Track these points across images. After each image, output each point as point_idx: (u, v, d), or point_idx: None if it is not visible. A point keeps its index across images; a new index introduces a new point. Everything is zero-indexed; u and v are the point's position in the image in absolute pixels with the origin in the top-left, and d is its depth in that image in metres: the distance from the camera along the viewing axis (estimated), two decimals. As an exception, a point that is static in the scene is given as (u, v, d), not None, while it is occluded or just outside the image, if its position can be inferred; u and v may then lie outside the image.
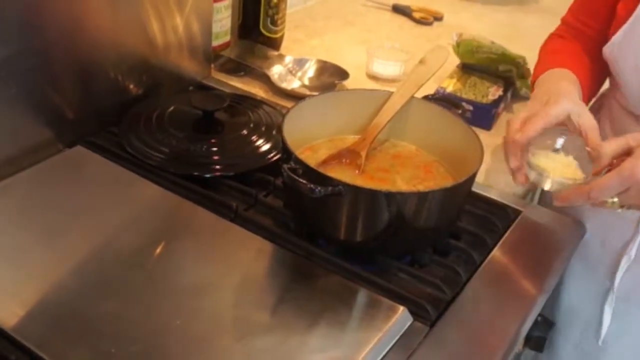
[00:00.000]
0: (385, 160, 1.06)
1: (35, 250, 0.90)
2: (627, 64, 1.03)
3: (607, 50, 1.05)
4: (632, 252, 1.12)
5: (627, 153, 0.85)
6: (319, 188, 0.85)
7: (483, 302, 0.94)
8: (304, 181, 0.86)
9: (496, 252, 1.02)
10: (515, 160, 0.94)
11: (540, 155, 0.93)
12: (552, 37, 1.20)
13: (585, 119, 0.92)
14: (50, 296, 0.85)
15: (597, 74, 1.11)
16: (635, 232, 1.11)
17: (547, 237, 1.09)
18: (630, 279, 1.13)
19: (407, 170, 1.04)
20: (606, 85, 1.18)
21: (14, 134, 1.03)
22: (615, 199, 0.86)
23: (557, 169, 0.91)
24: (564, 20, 1.20)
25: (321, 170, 0.90)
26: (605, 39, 1.05)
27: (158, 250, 0.94)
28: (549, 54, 1.16)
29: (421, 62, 1.11)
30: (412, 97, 1.07)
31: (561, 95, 0.96)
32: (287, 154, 0.91)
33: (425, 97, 1.11)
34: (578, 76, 1.06)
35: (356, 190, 0.88)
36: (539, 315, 1.04)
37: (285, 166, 0.88)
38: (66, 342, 0.79)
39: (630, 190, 0.84)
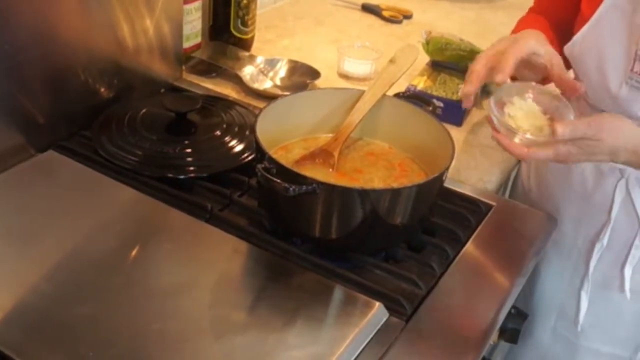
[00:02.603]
0: (358, 159, 1.07)
1: (9, 256, 0.90)
2: (588, 64, 1.04)
3: (568, 49, 1.06)
4: (605, 239, 1.14)
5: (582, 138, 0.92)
6: (293, 187, 0.86)
7: (457, 296, 0.95)
8: (278, 180, 0.87)
9: (469, 247, 1.04)
10: (471, 87, 0.99)
11: (514, 105, 0.97)
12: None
13: (551, 55, 0.98)
14: (26, 302, 0.84)
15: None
16: (607, 220, 1.13)
17: (519, 231, 1.11)
18: (605, 265, 1.16)
19: (381, 167, 1.05)
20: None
21: (-17, 140, 1.02)
22: None
23: (526, 118, 0.96)
24: (531, 9, 1.22)
25: (295, 169, 0.91)
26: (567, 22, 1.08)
27: (134, 253, 0.94)
28: (518, 25, 1.19)
29: (391, 61, 1.12)
30: (384, 95, 1.08)
31: (528, 34, 1.01)
32: (260, 153, 0.92)
33: (397, 95, 1.12)
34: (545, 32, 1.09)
35: (330, 188, 0.89)
36: (513, 307, 1.06)
37: (259, 166, 0.88)
38: (43, 347, 0.78)
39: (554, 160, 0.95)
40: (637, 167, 0.97)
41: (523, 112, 0.97)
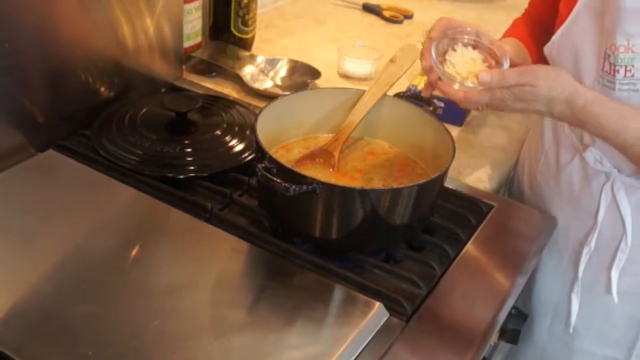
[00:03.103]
0: (359, 158, 1.07)
1: (8, 255, 0.90)
2: (564, 64, 1.05)
3: (547, 49, 1.07)
4: (592, 243, 1.14)
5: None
6: (293, 186, 0.86)
7: (458, 296, 0.95)
8: (279, 180, 0.87)
9: (470, 247, 1.04)
10: (425, 61, 1.02)
11: (455, 54, 1.02)
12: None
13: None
14: (25, 301, 0.84)
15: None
16: (594, 223, 1.13)
17: (519, 231, 1.11)
18: (593, 268, 1.16)
19: (381, 167, 1.05)
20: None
21: (-17, 139, 1.02)
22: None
23: (465, 66, 1.01)
24: (526, 10, 1.25)
25: (295, 169, 0.91)
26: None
27: (133, 252, 0.94)
28: (506, 32, 1.22)
29: (392, 60, 1.12)
30: (384, 95, 1.08)
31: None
32: (261, 153, 0.92)
33: (397, 95, 1.11)
34: (522, 40, 1.15)
35: (330, 188, 0.88)
36: (513, 307, 1.06)
37: (260, 165, 0.88)
38: (42, 346, 0.78)
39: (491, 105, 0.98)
40: (570, 122, 1.00)
41: (463, 60, 1.01)
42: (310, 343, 0.84)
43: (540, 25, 1.18)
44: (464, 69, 1.01)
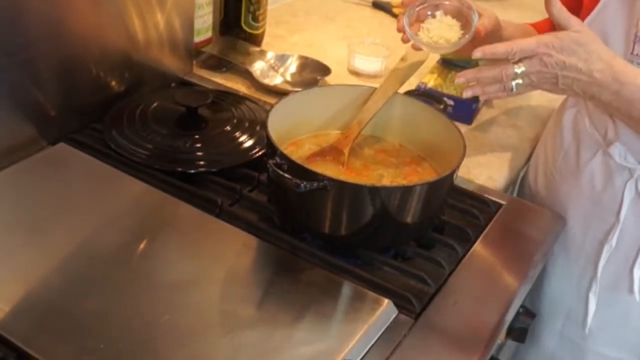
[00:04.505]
0: (369, 156, 1.07)
1: (19, 247, 0.90)
2: None
3: None
4: (613, 241, 1.14)
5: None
6: (304, 183, 0.86)
7: (466, 294, 0.95)
8: (290, 176, 0.87)
9: (478, 245, 1.04)
10: (398, 23, 1.04)
11: (433, 21, 1.04)
12: None
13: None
14: (36, 293, 0.85)
15: None
16: (615, 221, 1.13)
17: (528, 230, 1.11)
18: (613, 267, 1.15)
19: (391, 165, 1.05)
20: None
21: (-4, 132, 1.03)
22: (523, 68, 0.94)
23: (441, 29, 1.02)
24: None
25: (305, 165, 0.91)
26: None
27: (144, 247, 0.94)
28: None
29: (403, 59, 1.12)
30: (395, 93, 1.08)
31: None
32: (272, 149, 0.92)
33: (408, 93, 1.12)
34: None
35: (341, 185, 0.89)
36: (521, 306, 1.06)
37: (271, 162, 0.88)
38: (53, 339, 0.79)
39: (533, 59, 0.93)
40: (602, 88, 0.94)
41: (440, 26, 1.03)
42: (319, 339, 0.84)
43: None
44: (437, 34, 1.02)
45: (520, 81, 0.94)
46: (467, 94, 0.97)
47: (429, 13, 1.04)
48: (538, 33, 1.15)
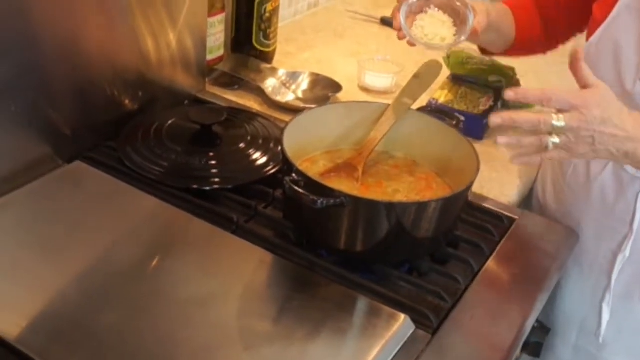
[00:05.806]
0: (383, 172, 1.08)
1: (36, 264, 0.91)
2: (604, 64, 1.06)
3: (585, 50, 1.08)
4: (627, 251, 1.14)
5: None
6: (321, 200, 0.87)
7: (482, 309, 0.95)
8: (306, 193, 0.87)
9: (493, 260, 1.04)
10: (395, 20, 1.06)
11: (425, 16, 1.07)
12: None
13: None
14: (52, 309, 0.85)
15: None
16: (629, 231, 1.13)
17: (541, 245, 1.11)
18: (627, 277, 1.16)
19: (405, 181, 1.06)
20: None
21: (13, 151, 1.03)
22: (562, 123, 0.87)
23: (434, 26, 1.05)
24: None
25: (322, 182, 0.92)
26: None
27: (160, 263, 0.95)
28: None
29: (416, 75, 1.13)
30: (408, 109, 1.08)
31: None
32: (288, 166, 0.93)
33: (420, 109, 1.12)
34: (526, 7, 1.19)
35: (357, 201, 0.89)
36: (536, 321, 1.06)
37: (287, 178, 0.89)
38: (69, 353, 0.79)
39: (573, 113, 0.87)
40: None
41: (433, 22, 1.06)
42: (336, 355, 0.84)
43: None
44: (431, 31, 1.05)
45: (557, 140, 0.88)
46: (502, 140, 0.91)
47: (425, 9, 1.07)
48: (510, 7, 1.20)
